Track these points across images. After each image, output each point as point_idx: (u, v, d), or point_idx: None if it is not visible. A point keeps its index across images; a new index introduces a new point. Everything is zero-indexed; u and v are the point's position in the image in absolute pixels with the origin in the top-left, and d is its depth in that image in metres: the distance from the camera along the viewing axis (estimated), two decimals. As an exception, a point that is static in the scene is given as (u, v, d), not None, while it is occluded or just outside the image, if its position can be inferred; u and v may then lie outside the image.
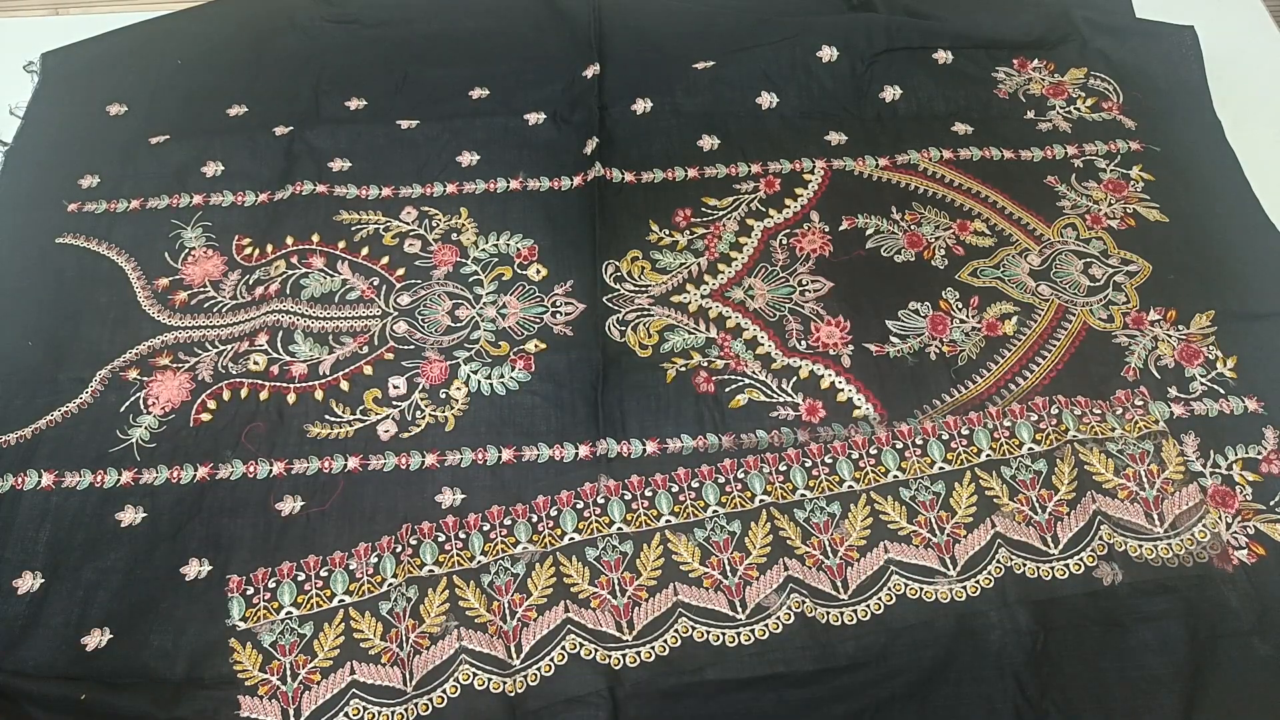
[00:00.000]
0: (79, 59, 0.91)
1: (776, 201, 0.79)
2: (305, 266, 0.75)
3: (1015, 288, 0.74)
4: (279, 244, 0.77)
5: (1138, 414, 0.67)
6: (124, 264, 0.76)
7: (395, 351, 0.71)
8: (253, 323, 0.72)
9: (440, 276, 0.75)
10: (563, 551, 0.62)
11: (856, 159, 0.81)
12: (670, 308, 0.73)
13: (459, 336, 0.72)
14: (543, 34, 0.92)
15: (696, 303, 0.73)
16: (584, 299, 0.73)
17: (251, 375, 0.70)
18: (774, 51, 0.88)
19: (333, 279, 0.75)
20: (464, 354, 0.71)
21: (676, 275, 0.75)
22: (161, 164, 0.82)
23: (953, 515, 0.63)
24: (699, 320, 0.72)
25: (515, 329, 0.72)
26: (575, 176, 0.80)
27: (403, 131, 0.84)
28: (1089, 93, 0.86)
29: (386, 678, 0.58)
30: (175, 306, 0.74)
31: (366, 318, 0.73)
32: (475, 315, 0.73)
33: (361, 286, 0.75)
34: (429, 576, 0.61)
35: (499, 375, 0.69)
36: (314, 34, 0.92)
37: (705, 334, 0.72)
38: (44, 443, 0.67)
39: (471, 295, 0.74)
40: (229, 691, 0.57)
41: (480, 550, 0.62)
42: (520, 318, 0.73)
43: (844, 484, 0.64)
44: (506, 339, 0.71)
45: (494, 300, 0.73)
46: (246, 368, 0.70)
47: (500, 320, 0.73)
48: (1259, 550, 0.61)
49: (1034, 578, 0.60)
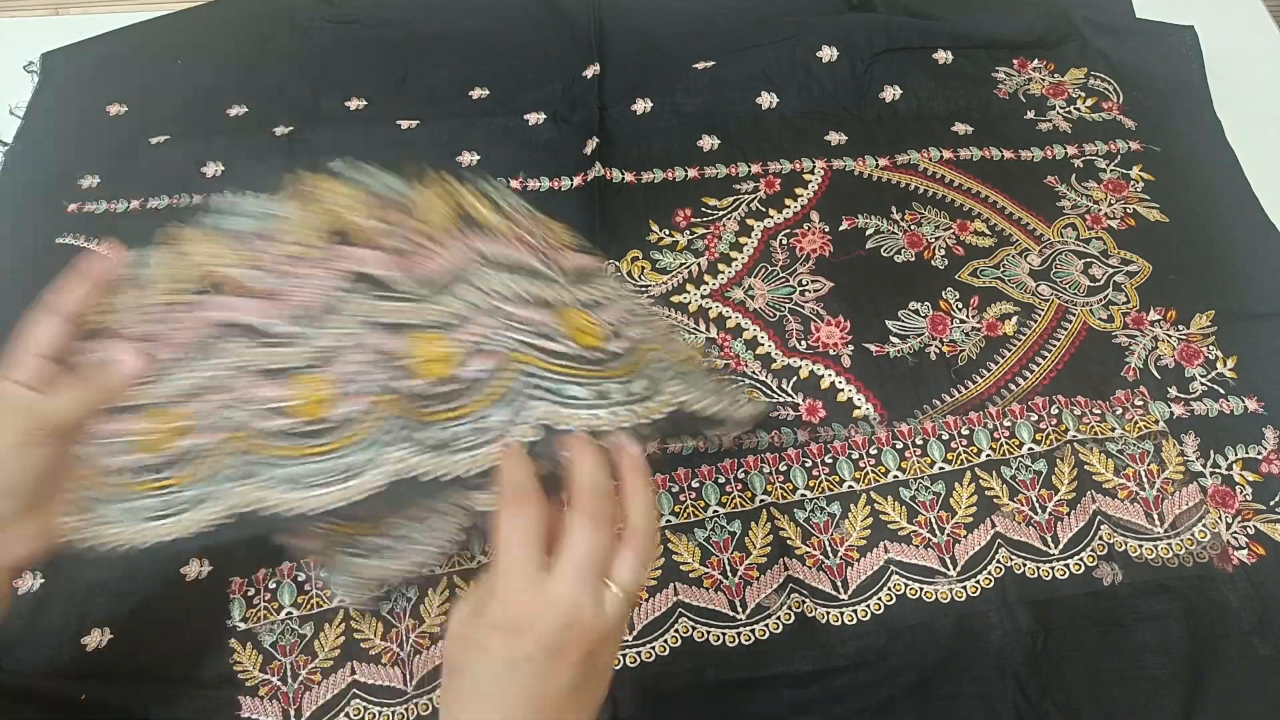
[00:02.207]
0: (79, 59, 0.91)
1: (776, 201, 0.79)
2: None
3: (1015, 288, 0.74)
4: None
5: (1138, 414, 0.67)
6: (124, 264, 0.76)
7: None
8: (253, 323, 0.72)
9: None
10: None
11: (856, 159, 0.81)
12: (670, 308, 0.73)
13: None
14: (543, 34, 0.92)
15: (696, 303, 0.73)
16: (584, 299, 0.73)
17: (252, 375, 0.70)
18: (774, 51, 0.88)
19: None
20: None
21: (677, 275, 0.75)
22: (161, 164, 0.82)
23: (953, 515, 0.63)
24: (699, 320, 0.72)
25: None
26: (575, 176, 0.80)
27: (403, 131, 0.84)
28: (1089, 93, 0.86)
29: (387, 678, 0.58)
30: (175, 306, 0.74)
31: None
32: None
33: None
34: (430, 576, 0.61)
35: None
36: (314, 34, 0.92)
37: (705, 334, 0.72)
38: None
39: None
40: (229, 692, 0.57)
41: (481, 551, 0.62)
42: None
43: (844, 484, 0.64)
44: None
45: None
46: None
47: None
48: (1259, 550, 0.61)
49: (1034, 578, 0.60)
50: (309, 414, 0.44)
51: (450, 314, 0.46)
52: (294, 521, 0.45)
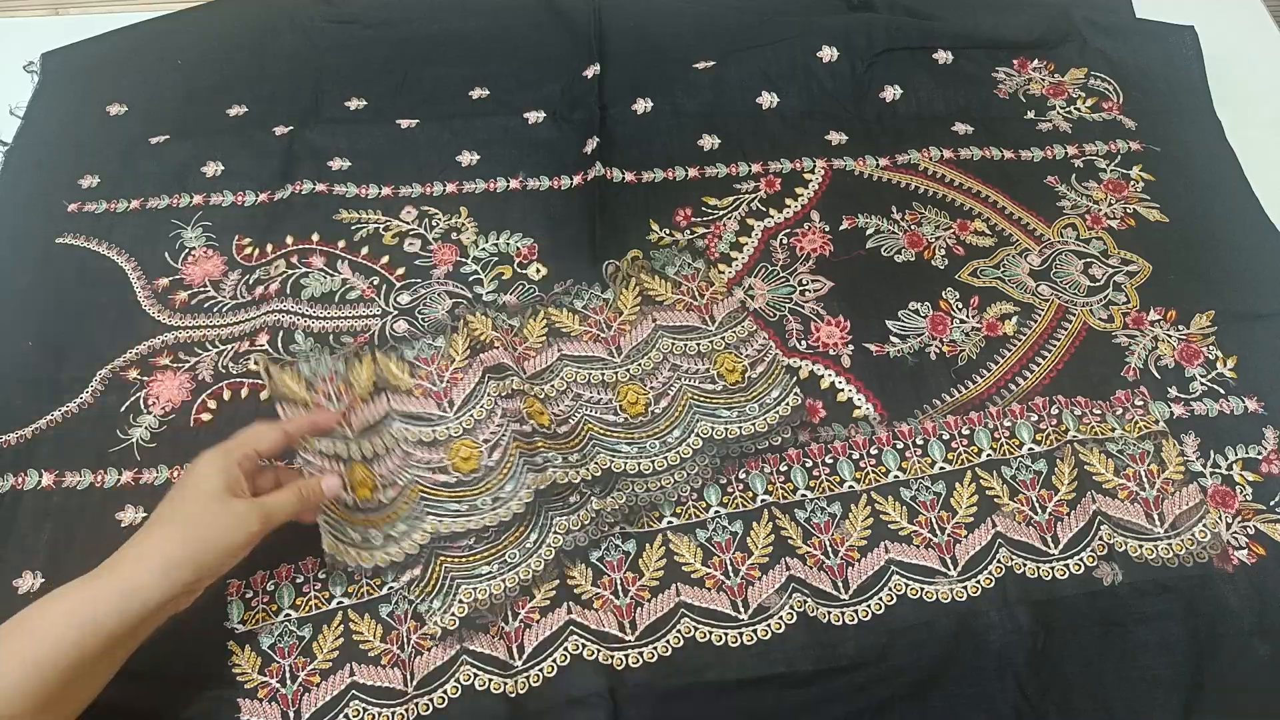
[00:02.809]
0: (79, 59, 0.91)
1: (777, 201, 0.79)
2: (305, 266, 0.75)
3: (1015, 288, 0.74)
4: (279, 243, 0.77)
5: (1138, 414, 0.67)
6: (124, 264, 0.76)
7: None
8: (253, 322, 0.72)
9: (440, 276, 0.75)
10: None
11: (857, 159, 0.81)
12: (671, 308, 0.73)
13: (459, 336, 0.72)
14: (543, 34, 0.92)
15: (697, 303, 0.74)
16: (584, 299, 0.74)
17: (252, 375, 0.70)
18: (774, 51, 0.88)
19: (333, 278, 0.75)
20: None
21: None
22: (161, 164, 0.82)
23: (953, 515, 0.63)
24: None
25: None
26: (575, 176, 0.80)
27: (403, 131, 0.84)
28: (1089, 93, 0.86)
29: (387, 679, 0.57)
30: (175, 306, 0.74)
31: (366, 317, 0.73)
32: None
33: (361, 286, 0.74)
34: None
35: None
36: (314, 34, 0.92)
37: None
38: (44, 442, 0.67)
39: (471, 294, 0.74)
40: (228, 693, 0.57)
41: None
42: (520, 318, 0.73)
43: (845, 484, 0.64)
44: (507, 339, 0.71)
45: (494, 299, 0.73)
46: (247, 368, 0.70)
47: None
48: (1259, 550, 0.61)
49: (1034, 578, 0.60)
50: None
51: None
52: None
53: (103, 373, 0.70)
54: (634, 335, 0.70)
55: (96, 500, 0.65)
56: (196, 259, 0.76)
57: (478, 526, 0.61)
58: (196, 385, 0.69)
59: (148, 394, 0.69)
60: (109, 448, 0.67)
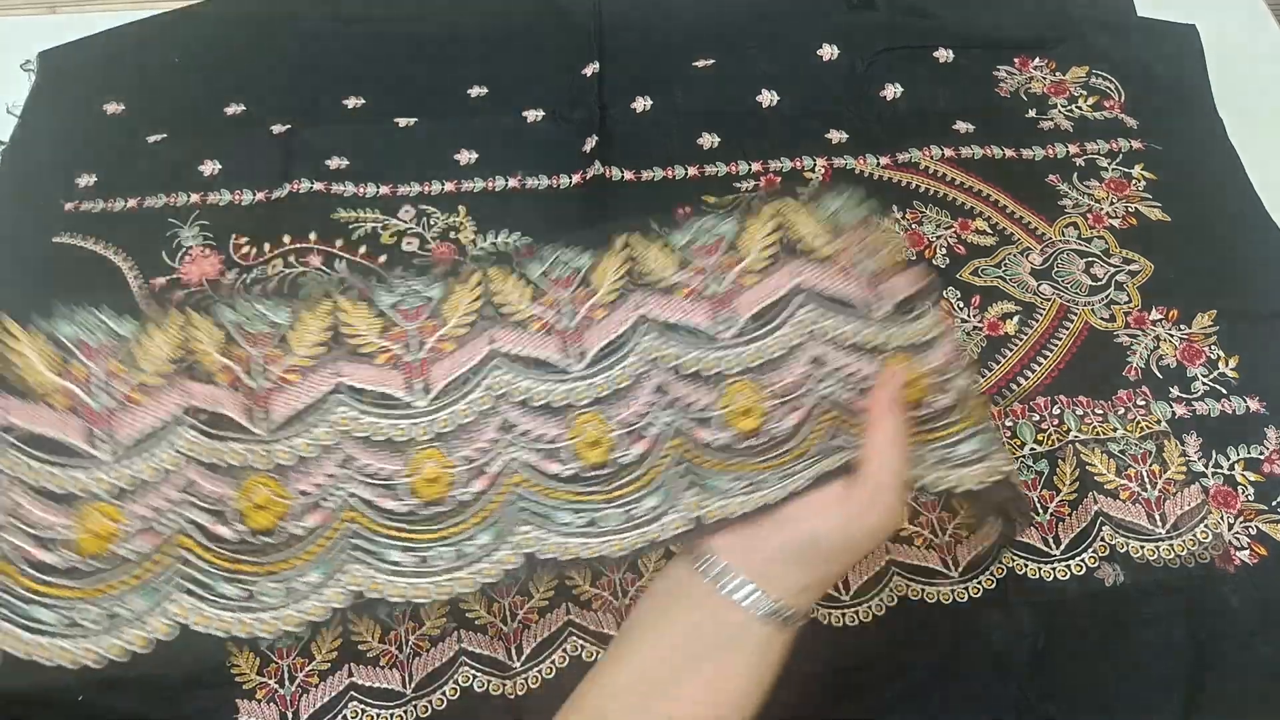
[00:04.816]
0: (76, 57, 0.90)
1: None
2: (303, 265, 0.75)
3: (1017, 287, 0.74)
4: (276, 243, 0.76)
5: (1139, 414, 0.66)
6: (121, 263, 0.76)
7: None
8: (251, 322, 0.72)
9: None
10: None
11: (857, 157, 0.81)
12: (670, 307, 0.73)
13: (458, 336, 0.71)
14: (542, 32, 0.92)
15: (696, 302, 0.73)
16: (583, 298, 0.73)
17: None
18: (774, 50, 0.88)
19: (331, 278, 0.74)
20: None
21: (676, 274, 0.74)
22: (159, 163, 0.82)
23: (954, 516, 0.63)
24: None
25: (514, 328, 0.72)
26: (574, 175, 0.80)
27: (401, 130, 0.84)
28: (1091, 91, 0.86)
29: (385, 680, 0.57)
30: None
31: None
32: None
33: (360, 285, 0.74)
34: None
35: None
36: (312, 32, 0.92)
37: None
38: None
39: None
40: (227, 694, 0.57)
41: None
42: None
43: (845, 484, 0.64)
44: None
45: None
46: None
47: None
48: (1261, 551, 0.61)
49: (1035, 579, 0.60)
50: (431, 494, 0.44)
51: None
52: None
53: (100, 372, 0.70)
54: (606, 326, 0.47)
55: (93, 501, 0.64)
56: (194, 258, 0.76)
57: (424, 598, 0.43)
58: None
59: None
60: (106, 448, 0.66)
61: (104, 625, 0.41)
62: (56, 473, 0.42)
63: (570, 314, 0.47)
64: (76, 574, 0.41)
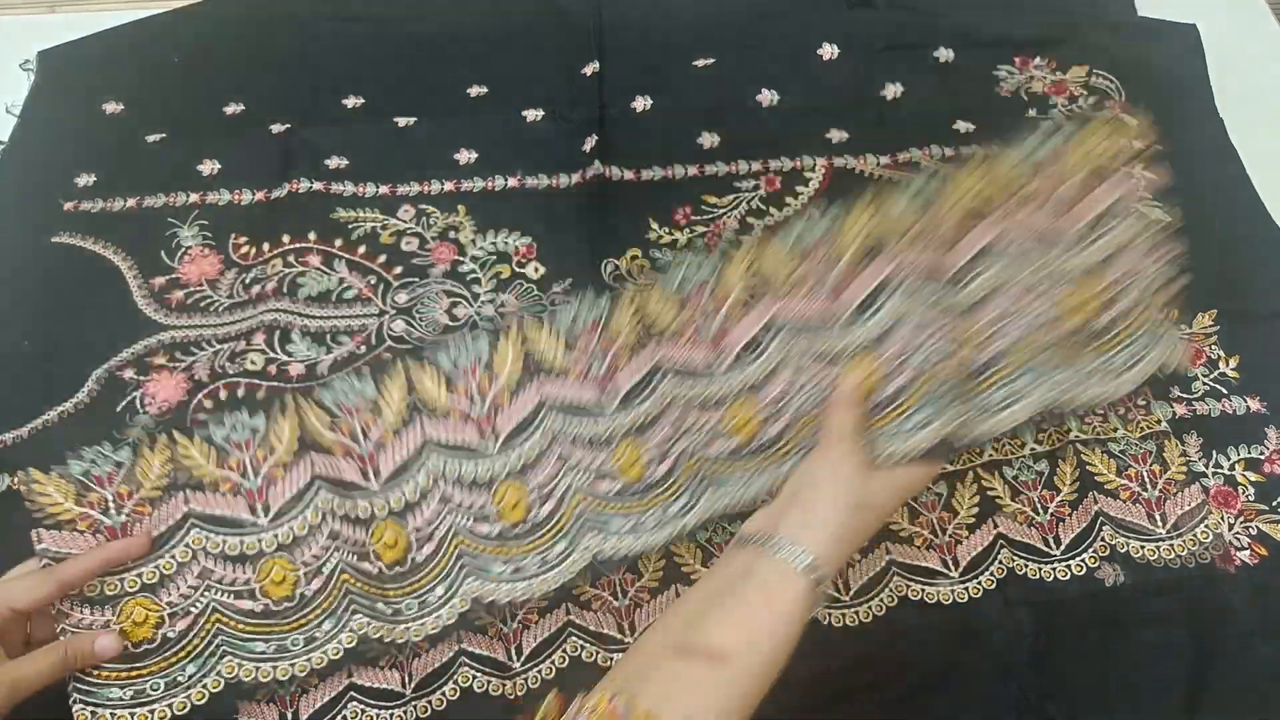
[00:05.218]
0: (75, 57, 0.90)
1: (777, 200, 0.79)
2: (302, 265, 0.75)
3: (1017, 287, 0.73)
4: (276, 242, 0.76)
5: (1140, 414, 0.66)
6: (120, 263, 0.76)
7: (393, 351, 0.70)
8: (250, 322, 0.72)
9: (438, 274, 0.74)
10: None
11: (858, 157, 0.81)
12: (670, 307, 0.73)
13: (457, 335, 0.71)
14: (542, 31, 0.91)
15: (696, 302, 0.73)
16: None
17: (249, 374, 0.69)
18: (774, 49, 0.88)
19: (330, 277, 0.74)
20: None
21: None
22: (158, 162, 0.82)
23: (955, 516, 0.63)
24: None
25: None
26: (574, 174, 0.80)
27: (400, 129, 0.84)
28: (1091, 91, 0.86)
29: (385, 680, 0.57)
30: (172, 305, 0.73)
31: (364, 316, 0.72)
32: (473, 314, 0.72)
33: (359, 285, 0.74)
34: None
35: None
36: (312, 32, 0.92)
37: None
38: (40, 442, 0.67)
39: (469, 293, 0.73)
40: (227, 695, 0.56)
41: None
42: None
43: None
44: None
45: (492, 298, 0.73)
46: (244, 367, 0.70)
47: (499, 319, 0.72)
48: (1261, 551, 0.61)
49: (1036, 579, 0.60)
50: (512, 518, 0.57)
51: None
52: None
53: (99, 372, 0.70)
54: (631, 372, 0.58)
55: (93, 501, 0.64)
56: (193, 258, 0.76)
57: (402, 639, 0.54)
58: (193, 385, 0.69)
59: (144, 393, 0.69)
60: (105, 448, 0.67)
61: (304, 646, 0.54)
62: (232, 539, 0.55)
63: (481, 403, 0.58)
64: (272, 614, 0.54)
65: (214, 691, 0.53)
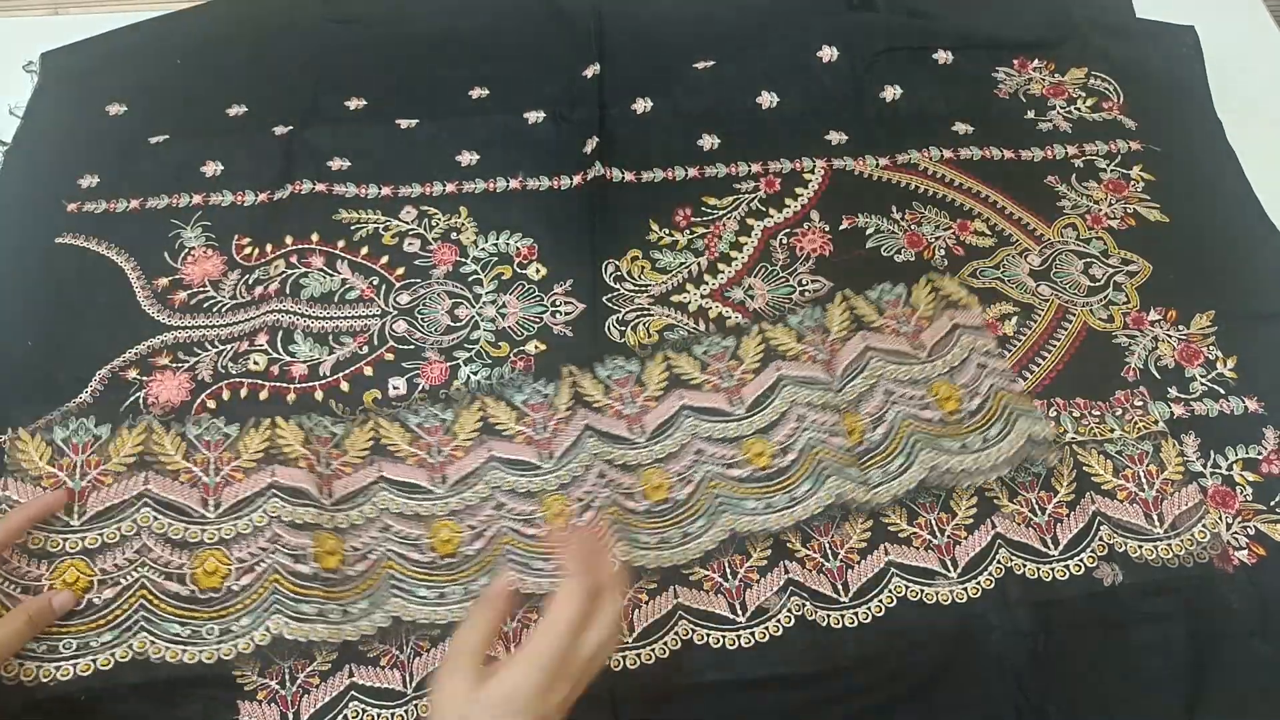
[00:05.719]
0: (78, 58, 0.91)
1: (777, 201, 0.79)
2: (305, 266, 0.75)
3: (1015, 288, 0.74)
4: (278, 243, 0.77)
5: (1137, 414, 0.67)
6: (123, 264, 0.76)
7: (395, 352, 0.71)
8: (252, 322, 0.72)
9: (440, 275, 0.75)
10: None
11: (857, 158, 0.81)
12: (670, 307, 0.73)
13: (459, 336, 0.72)
14: (542, 34, 0.92)
15: (696, 302, 0.73)
16: (584, 298, 0.73)
17: (251, 375, 0.70)
18: (774, 51, 0.88)
19: (332, 278, 0.75)
20: (464, 354, 0.71)
21: (676, 275, 0.75)
22: (161, 164, 0.82)
23: (953, 517, 0.63)
24: (698, 320, 0.72)
25: (515, 329, 0.72)
26: (575, 176, 0.80)
27: (402, 131, 0.84)
28: (1089, 93, 0.86)
29: (386, 680, 0.57)
30: (175, 306, 0.74)
31: (366, 317, 0.73)
32: (475, 315, 0.73)
33: (361, 286, 0.74)
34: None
35: (499, 377, 0.69)
36: (313, 34, 0.92)
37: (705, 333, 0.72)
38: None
39: (471, 295, 0.74)
40: (227, 695, 0.57)
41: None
42: (520, 317, 0.73)
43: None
44: (506, 339, 0.71)
45: (494, 300, 0.73)
46: (246, 368, 0.70)
47: (500, 320, 0.72)
48: (1259, 551, 0.61)
49: (1034, 579, 0.60)
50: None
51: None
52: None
53: (102, 373, 0.70)
54: (661, 409, 0.66)
55: (96, 501, 0.65)
56: (196, 259, 0.76)
57: (442, 621, 0.58)
58: (196, 385, 0.69)
59: (147, 394, 0.69)
60: (108, 448, 0.67)
61: (340, 618, 0.57)
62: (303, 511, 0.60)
63: (438, 453, 0.64)
64: (322, 581, 0.57)
65: (120, 661, 0.55)
